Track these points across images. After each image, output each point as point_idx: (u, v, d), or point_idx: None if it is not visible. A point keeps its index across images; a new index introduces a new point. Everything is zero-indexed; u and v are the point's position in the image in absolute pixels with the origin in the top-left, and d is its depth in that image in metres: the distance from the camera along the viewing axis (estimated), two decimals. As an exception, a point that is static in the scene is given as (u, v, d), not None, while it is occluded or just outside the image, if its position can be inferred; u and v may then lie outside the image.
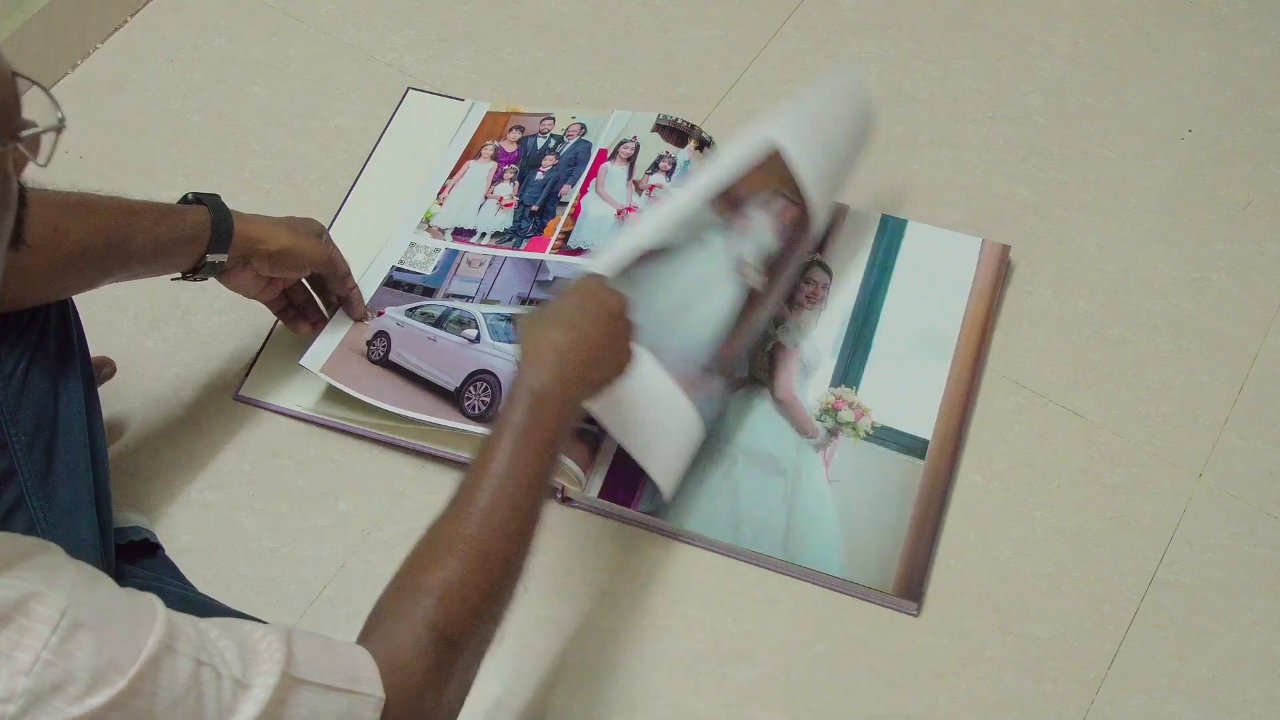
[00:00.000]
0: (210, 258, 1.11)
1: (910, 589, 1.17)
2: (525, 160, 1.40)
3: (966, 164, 1.45)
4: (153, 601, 0.73)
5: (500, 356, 1.22)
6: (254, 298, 1.21)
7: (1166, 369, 1.31)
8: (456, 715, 0.87)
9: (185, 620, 0.73)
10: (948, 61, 1.54)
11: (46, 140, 0.68)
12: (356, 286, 1.27)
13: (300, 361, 1.24)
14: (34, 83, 0.68)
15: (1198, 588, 1.19)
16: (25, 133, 0.67)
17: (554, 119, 1.43)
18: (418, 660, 0.82)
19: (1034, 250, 1.39)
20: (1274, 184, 1.44)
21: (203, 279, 1.13)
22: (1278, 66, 1.54)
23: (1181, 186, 1.44)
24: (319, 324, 1.26)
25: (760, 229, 1.16)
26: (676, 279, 1.16)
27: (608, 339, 1.00)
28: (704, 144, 1.38)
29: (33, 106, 0.68)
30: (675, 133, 1.38)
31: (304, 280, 1.24)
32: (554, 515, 1.22)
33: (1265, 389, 1.30)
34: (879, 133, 1.47)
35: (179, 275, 1.12)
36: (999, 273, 1.35)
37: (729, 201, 1.16)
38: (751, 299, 1.19)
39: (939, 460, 1.24)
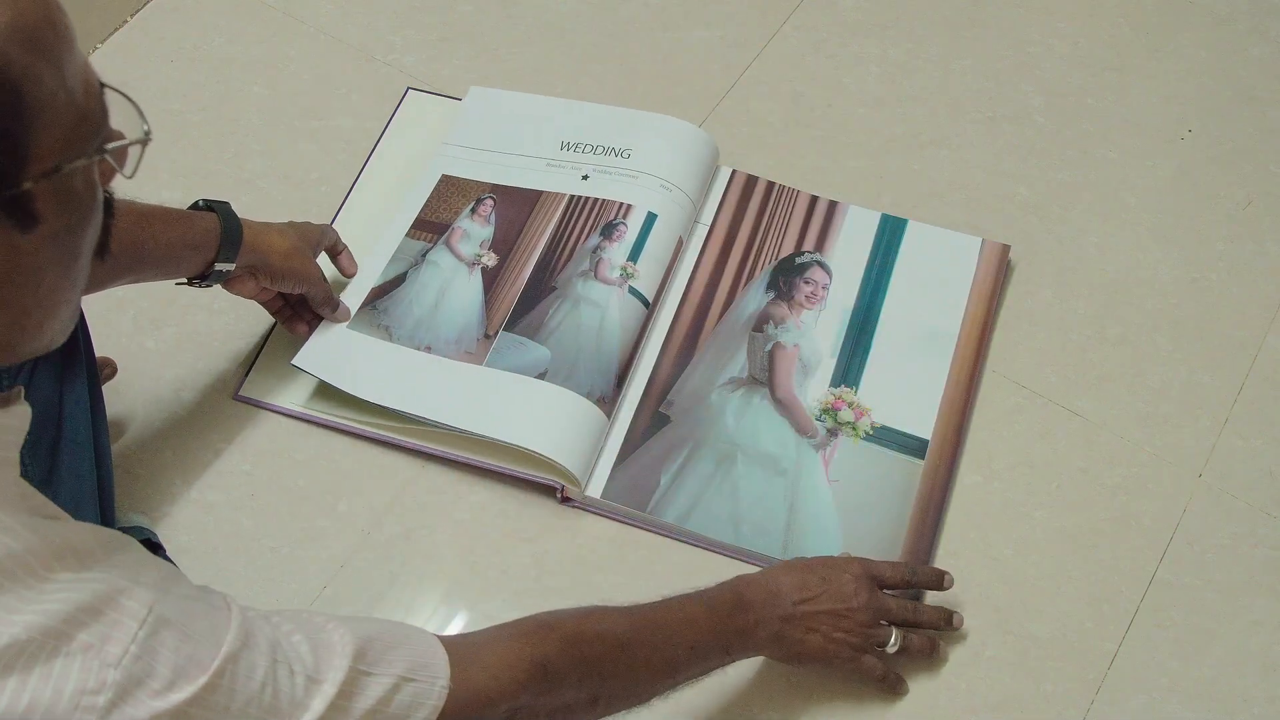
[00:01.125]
0: (218, 265, 1.11)
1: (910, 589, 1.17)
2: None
3: (966, 164, 1.45)
4: (227, 600, 0.75)
5: None
6: (252, 299, 1.21)
7: (1166, 369, 1.31)
8: None
9: (259, 617, 0.76)
10: (948, 61, 1.54)
11: (133, 152, 0.70)
12: (338, 309, 1.27)
13: (292, 362, 1.24)
14: (123, 95, 0.69)
15: (1198, 588, 1.19)
16: (112, 145, 0.68)
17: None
18: (509, 672, 0.85)
19: (1034, 250, 1.39)
20: (1274, 184, 1.44)
21: (209, 285, 1.14)
22: (1278, 66, 1.54)
23: (1181, 186, 1.44)
24: (315, 324, 1.26)
25: (473, 228, 1.36)
26: (425, 291, 1.32)
27: (822, 616, 1.05)
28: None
29: (119, 117, 0.69)
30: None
31: None
32: (553, 515, 1.22)
33: (1265, 389, 1.30)
34: (879, 132, 1.47)
35: (184, 280, 1.13)
36: (999, 273, 1.35)
37: (430, 228, 1.37)
38: (498, 272, 1.34)
39: (939, 460, 1.24)
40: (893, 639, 1.09)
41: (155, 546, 1.16)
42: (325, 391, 1.25)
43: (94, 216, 0.69)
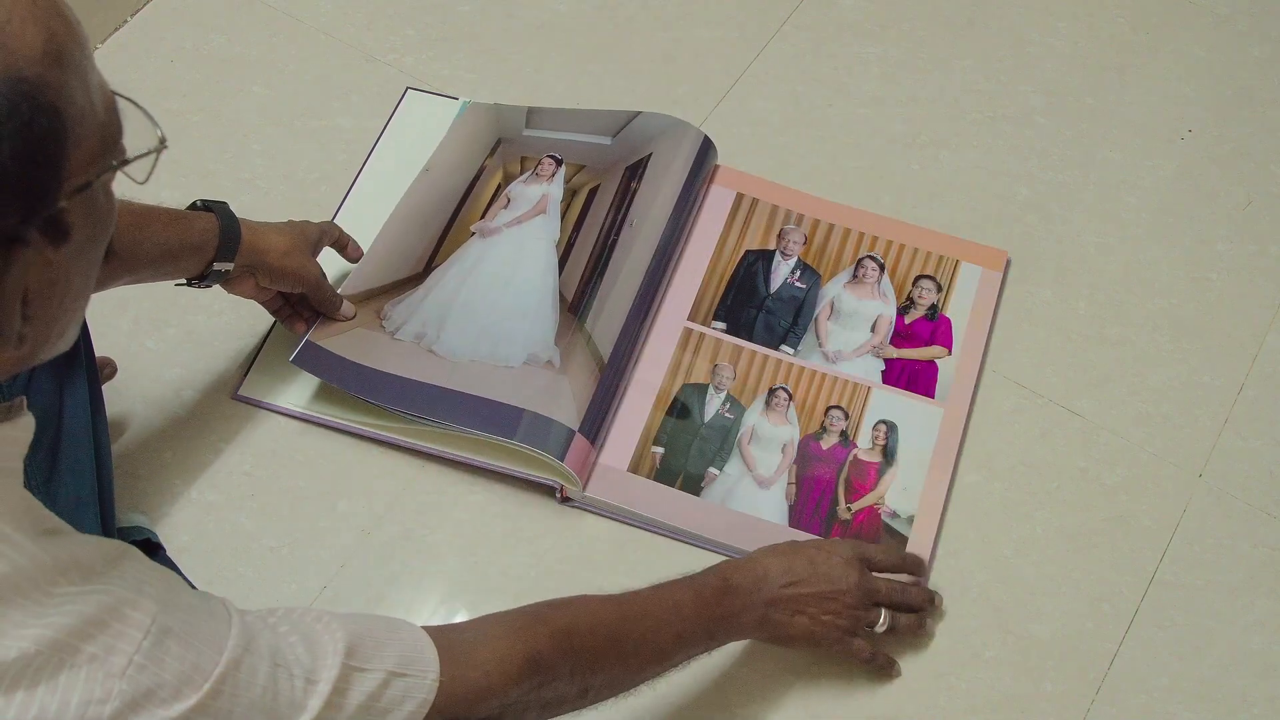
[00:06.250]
0: (216, 266, 1.11)
1: (910, 589, 1.17)
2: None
3: (966, 164, 1.45)
4: (226, 605, 0.76)
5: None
6: (251, 299, 1.21)
7: (1166, 369, 1.31)
8: None
9: (256, 620, 0.77)
10: (948, 61, 1.54)
11: (145, 160, 0.71)
12: (340, 306, 1.26)
13: (290, 360, 1.24)
14: (134, 103, 0.70)
15: (1198, 588, 1.19)
16: (134, 156, 0.69)
17: None
18: (500, 667, 0.86)
19: (1034, 250, 1.39)
20: (1274, 184, 1.45)
21: (207, 286, 1.14)
22: (1278, 66, 1.54)
23: (1181, 186, 1.44)
24: (313, 322, 1.26)
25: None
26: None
27: (809, 599, 1.06)
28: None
29: (130, 124, 0.70)
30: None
31: None
32: (553, 515, 1.22)
33: (1265, 389, 1.30)
34: (879, 132, 1.47)
35: (183, 281, 1.13)
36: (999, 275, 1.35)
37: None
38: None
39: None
40: (881, 620, 1.09)
41: (155, 546, 1.16)
42: (325, 392, 1.25)
43: (112, 223, 0.71)
